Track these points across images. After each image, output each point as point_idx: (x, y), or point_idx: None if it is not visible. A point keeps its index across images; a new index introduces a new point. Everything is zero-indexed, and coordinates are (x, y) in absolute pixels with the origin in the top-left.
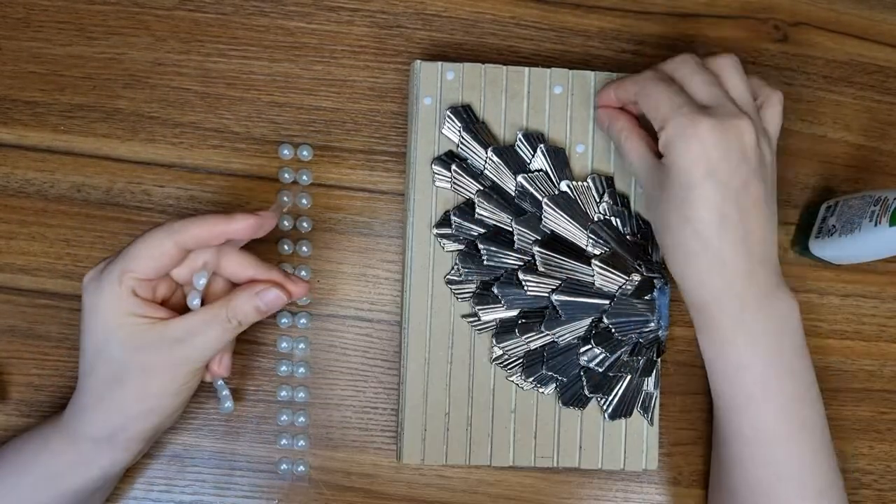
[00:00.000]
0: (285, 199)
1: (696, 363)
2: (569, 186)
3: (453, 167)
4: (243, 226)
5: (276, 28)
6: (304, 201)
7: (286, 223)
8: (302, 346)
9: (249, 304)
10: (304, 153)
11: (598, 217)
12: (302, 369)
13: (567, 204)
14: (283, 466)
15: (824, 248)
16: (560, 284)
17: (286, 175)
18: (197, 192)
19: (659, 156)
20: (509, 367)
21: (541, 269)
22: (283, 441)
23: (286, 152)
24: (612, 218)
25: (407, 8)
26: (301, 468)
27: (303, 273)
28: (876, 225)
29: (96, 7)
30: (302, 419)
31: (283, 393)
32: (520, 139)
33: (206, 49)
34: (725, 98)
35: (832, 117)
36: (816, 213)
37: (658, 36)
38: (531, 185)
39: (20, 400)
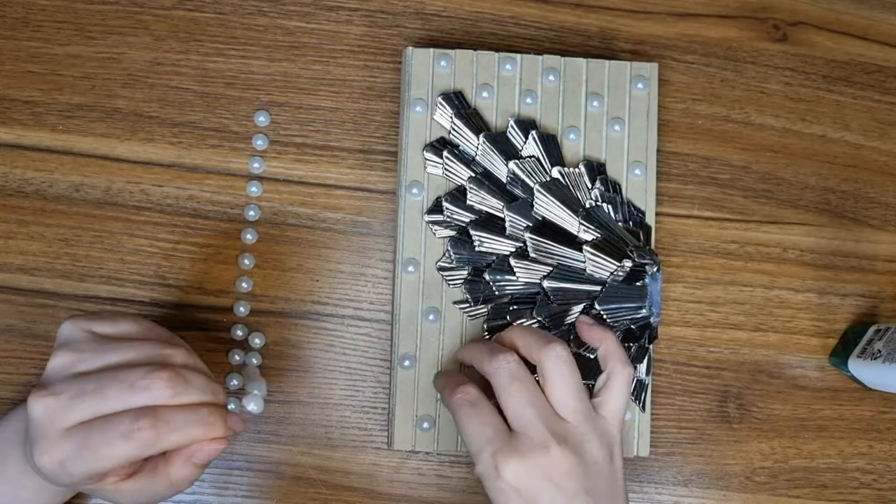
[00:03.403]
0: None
1: (695, 363)
2: (560, 173)
3: (445, 154)
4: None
5: (275, 27)
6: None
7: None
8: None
9: (186, 467)
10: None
11: (590, 203)
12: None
13: (559, 190)
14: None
15: (864, 370)
16: (551, 270)
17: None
18: (196, 191)
19: None
20: None
21: (532, 255)
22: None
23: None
24: (604, 204)
25: (406, 7)
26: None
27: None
28: None
29: (95, 6)
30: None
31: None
32: (512, 126)
33: (205, 48)
34: (537, 417)
35: (832, 117)
36: (863, 333)
37: (658, 36)
38: (523, 172)
39: (18, 400)
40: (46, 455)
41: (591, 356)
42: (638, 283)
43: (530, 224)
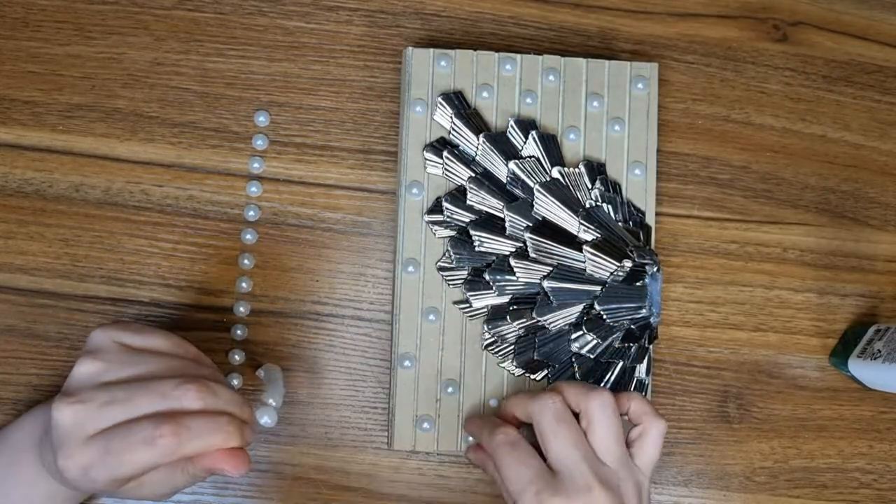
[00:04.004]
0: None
1: (695, 363)
2: (560, 173)
3: (445, 154)
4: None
5: (274, 28)
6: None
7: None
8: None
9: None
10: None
11: (590, 203)
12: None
13: (559, 190)
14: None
15: (864, 370)
16: (551, 271)
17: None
18: (196, 191)
19: None
20: (500, 353)
21: (532, 255)
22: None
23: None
24: (604, 204)
25: (406, 7)
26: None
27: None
28: None
29: (95, 6)
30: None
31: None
32: (512, 126)
33: (205, 49)
34: (582, 460)
35: (832, 117)
36: (863, 333)
37: (658, 36)
38: (523, 172)
39: (18, 400)
40: (71, 461)
41: (592, 356)
42: (638, 283)
43: (530, 224)
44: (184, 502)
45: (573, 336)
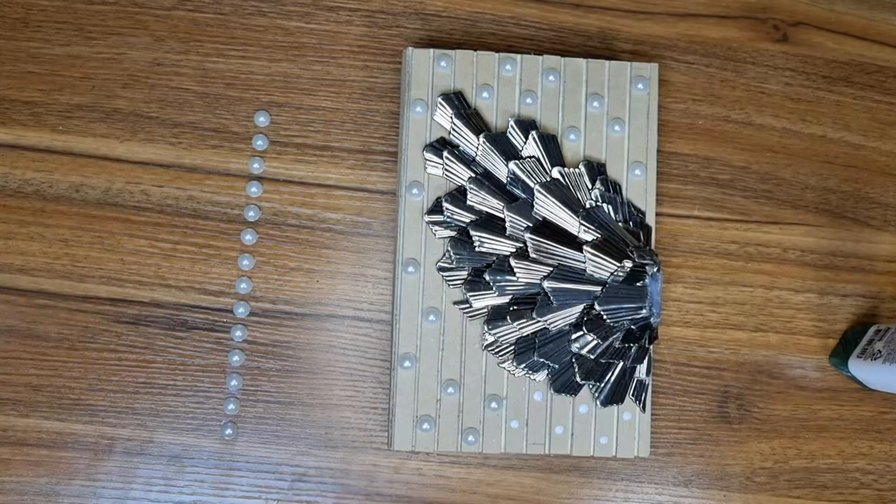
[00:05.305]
0: None
1: (695, 363)
2: (561, 173)
3: (445, 154)
4: None
5: (274, 28)
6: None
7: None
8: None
9: None
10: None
11: (590, 204)
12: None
13: (559, 191)
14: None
15: (864, 370)
16: (552, 271)
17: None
18: (196, 192)
19: None
20: (501, 353)
21: (532, 255)
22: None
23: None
24: (604, 205)
25: (406, 8)
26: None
27: None
28: None
29: (95, 7)
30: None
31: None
32: (512, 126)
33: (205, 49)
34: None
35: (832, 117)
36: (864, 333)
37: (658, 36)
38: (523, 172)
39: (18, 400)
40: None
41: (592, 356)
42: (638, 284)
43: (530, 224)
44: (184, 502)
45: (573, 336)
